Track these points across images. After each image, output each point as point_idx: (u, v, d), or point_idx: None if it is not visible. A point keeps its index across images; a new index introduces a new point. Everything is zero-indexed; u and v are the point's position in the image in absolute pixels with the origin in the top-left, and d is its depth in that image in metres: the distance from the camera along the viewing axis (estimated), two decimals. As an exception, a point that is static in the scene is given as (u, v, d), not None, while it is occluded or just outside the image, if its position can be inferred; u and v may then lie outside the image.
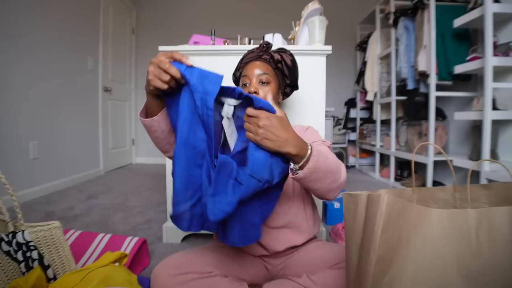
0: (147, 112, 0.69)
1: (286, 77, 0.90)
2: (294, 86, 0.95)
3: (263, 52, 0.88)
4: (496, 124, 1.59)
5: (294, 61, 0.91)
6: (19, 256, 0.69)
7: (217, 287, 0.72)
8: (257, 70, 0.84)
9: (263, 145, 0.58)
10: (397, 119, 2.59)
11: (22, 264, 0.70)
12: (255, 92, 0.82)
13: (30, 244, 0.72)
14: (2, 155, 1.75)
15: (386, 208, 0.47)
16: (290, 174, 0.65)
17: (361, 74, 3.03)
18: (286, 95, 0.95)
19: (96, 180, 2.59)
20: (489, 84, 1.50)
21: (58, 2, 2.21)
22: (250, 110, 0.59)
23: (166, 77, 0.58)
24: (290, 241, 0.82)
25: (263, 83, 0.84)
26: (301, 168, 0.62)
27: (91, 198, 2.02)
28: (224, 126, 0.63)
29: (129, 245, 1.07)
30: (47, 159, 2.10)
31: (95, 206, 1.83)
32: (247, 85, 0.84)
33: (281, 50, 0.90)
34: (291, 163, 0.63)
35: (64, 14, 2.29)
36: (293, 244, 0.83)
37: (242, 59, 0.91)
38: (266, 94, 0.83)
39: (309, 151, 0.62)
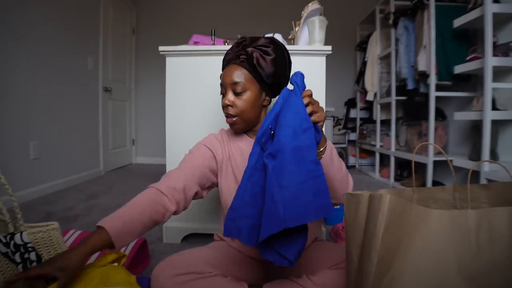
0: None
1: (265, 81, 0.77)
2: (281, 86, 0.80)
3: (240, 51, 0.76)
4: (496, 124, 1.59)
5: (276, 60, 0.75)
6: (17, 257, 0.69)
7: (217, 287, 0.72)
8: (230, 78, 0.76)
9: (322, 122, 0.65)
10: (397, 119, 2.59)
11: (20, 266, 0.70)
12: (230, 106, 0.76)
13: (28, 245, 0.72)
14: (2, 155, 1.74)
15: (388, 208, 0.47)
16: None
17: (361, 74, 3.03)
18: (276, 93, 0.81)
19: (96, 180, 2.59)
20: (489, 84, 1.50)
21: (58, 2, 2.20)
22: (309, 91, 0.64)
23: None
24: None
25: (237, 93, 0.76)
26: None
27: (91, 198, 2.02)
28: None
29: (129, 245, 1.07)
30: (47, 159, 2.10)
31: (95, 206, 1.83)
32: (224, 95, 0.79)
33: (263, 45, 0.76)
34: None
35: (64, 14, 2.28)
36: None
37: (224, 58, 0.82)
38: (242, 106, 0.76)
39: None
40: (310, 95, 0.64)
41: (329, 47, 1.18)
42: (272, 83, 0.78)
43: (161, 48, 1.23)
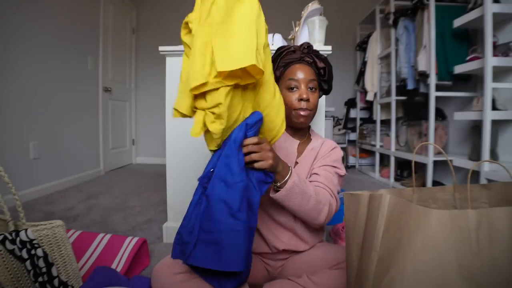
0: None
1: (325, 83, 0.87)
2: (328, 92, 0.90)
3: (305, 54, 0.85)
4: (496, 124, 1.59)
5: (331, 66, 0.87)
6: (24, 254, 0.69)
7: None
8: (305, 75, 0.82)
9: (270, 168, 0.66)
10: (397, 119, 2.59)
11: (28, 262, 0.69)
12: (308, 100, 0.80)
13: (34, 242, 0.72)
14: (2, 155, 1.74)
15: (388, 208, 0.47)
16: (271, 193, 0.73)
17: (361, 74, 3.03)
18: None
19: (96, 180, 2.59)
20: (489, 84, 1.50)
21: (58, 2, 2.20)
22: (254, 139, 0.64)
23: None
24: (292, 246, 0.83)
25: (311, 89, 0.82)
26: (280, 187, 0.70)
27: (91, 198, 2.02)
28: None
29: (129, 245, 1.07)
30: (47, 159, 2.10)
31: (95, 206, 1.83)
32: (294, 89, 0.81)
33: (317, 55, 0.86)
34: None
35: (64, 14, 2.28)
36: (295, 249, 0.83)
37: (280, 58, 0.86)
38: (315, 101, 0.82)
39: (289, 173, 0.70)
40: (255, 143, 0.63)
41: (329, 47, 1.18)
42: (326, 89, 0.88)
43: (161, 48, 1.23)
